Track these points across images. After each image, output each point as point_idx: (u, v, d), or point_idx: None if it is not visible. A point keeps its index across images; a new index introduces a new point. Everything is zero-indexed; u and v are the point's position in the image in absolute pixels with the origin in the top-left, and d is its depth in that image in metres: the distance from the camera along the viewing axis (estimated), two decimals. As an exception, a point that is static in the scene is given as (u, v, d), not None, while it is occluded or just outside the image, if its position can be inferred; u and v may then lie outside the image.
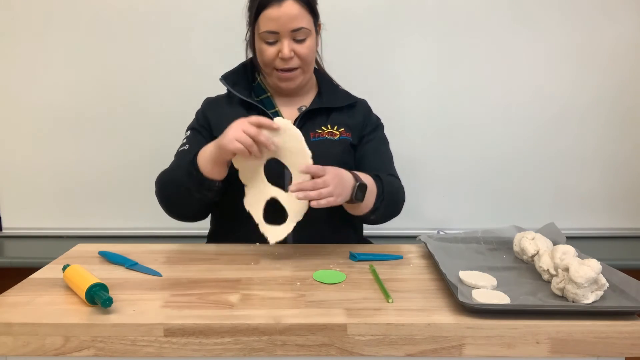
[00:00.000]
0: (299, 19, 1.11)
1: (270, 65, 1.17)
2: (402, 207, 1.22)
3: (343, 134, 1.23)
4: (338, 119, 1.24)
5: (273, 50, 1.14)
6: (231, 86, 1.23)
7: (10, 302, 0.81)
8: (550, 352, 0.75)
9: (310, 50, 1.16)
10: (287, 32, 1.12)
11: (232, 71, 1.27)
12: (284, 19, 1.10)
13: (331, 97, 1.26)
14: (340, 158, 1.20)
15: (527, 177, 1.85)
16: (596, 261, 0.81)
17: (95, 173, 1.82)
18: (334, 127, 1.23)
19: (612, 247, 1.84)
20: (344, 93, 1.30)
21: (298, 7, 1.11)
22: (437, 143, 1.84)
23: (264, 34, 1.13)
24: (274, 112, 1.23)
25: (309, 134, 1.20)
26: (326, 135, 1.21)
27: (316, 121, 1.23)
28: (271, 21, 1.11)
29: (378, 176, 1.13)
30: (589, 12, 1.76)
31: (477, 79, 1.79)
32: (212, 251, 1.08)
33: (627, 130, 1.84)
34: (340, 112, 1.25)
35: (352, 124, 1.25)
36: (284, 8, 1.10)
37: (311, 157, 1.02)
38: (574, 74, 1.80)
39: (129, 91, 1.77)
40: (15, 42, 1.73)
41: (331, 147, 1.20)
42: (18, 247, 1.79)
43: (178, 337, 0.74)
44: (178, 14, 1.73)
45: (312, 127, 1.21)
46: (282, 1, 1.10)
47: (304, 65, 1.17)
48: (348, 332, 0.74)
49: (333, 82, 1.32)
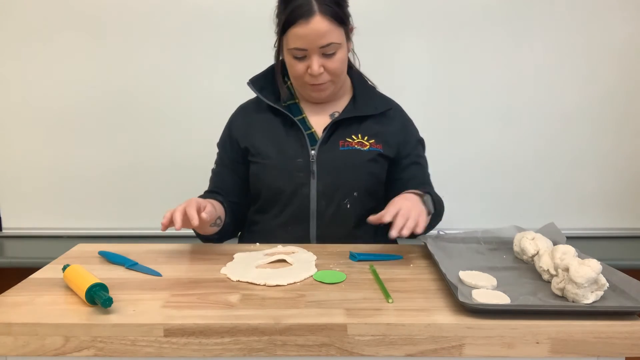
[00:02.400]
0: (328, 34, 1.08)
1: (300, 79, 1.15)
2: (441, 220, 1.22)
3: (373, 145, 1.20)
4: (370, 129, 1.21)
5: (302, 66, 1.12)
6: (258, 90, 1.22)
7: (10, 302, 0.81)
8: (551, 352, 0.75)
9: (340, 63, 1.14)
10: (315, 48, 1.09)
11: (260, 74, 1.25)
12: (312, 36, 1.07)
13: (365, 103, 1.23)
14: (368, 169, 1.19)
15: (527, 177, 1.85)
16: (596, 261, 0.81)
17: (95, 173, 1.82)
18: (365, 137, 1.20)
19: (612, 247, 1.85)
20: (380, 98, 1.27)
21: (327, 23, 1.07)
22: (437, 143, 1.83)
23: (292, 50, 1.10)
24: (301, 118, 1.22)
25: (338, 142, 1.19)
26: (355, 145, 1.19)
27: (347, 129, 1.20)
28: (299, 38, 1.08)
29: (429, 193, 1.11)
30: (589, 12, 1.76)
31: (477, 79, 1.79)
32: (212, 251, 1.08)
33: (627, 130, 1.84)
34: (373, 119, 1.22)
35: (384, 133, 1.22)
36: (312, 25, 1.06)
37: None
38: (574, 75, 1.80)
39: (130, 91, 1.77)
40: (15, 42, 1.73)
41: (359, 157, 1.19)
42: (18, 247, 1.79)
43: (178, 337, 0.74)
44: (179, 13, 1.73)
45: (341, 136, 1.20)
46: (309, 17, 1.06)
47: (334, 77, 1.15)
48: (348, 332, 0.74)
49: (368, 83, 1.29)
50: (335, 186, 1.18)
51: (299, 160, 1.18)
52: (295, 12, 1.06)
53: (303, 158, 1.18)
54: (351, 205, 1.19)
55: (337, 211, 1.18)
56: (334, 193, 1.18)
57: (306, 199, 1.18)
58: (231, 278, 0.91)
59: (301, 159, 1.18)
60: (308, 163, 1.18)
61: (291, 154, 1.18)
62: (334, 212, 1.18)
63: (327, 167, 1.18)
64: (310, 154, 1.18)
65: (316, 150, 1.18)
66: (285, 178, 1.18)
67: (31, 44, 1.73)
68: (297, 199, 1.18)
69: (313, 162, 1.17)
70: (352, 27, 1.17)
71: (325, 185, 1.18)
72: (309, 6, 1.06)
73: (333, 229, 1.18)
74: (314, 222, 1.19)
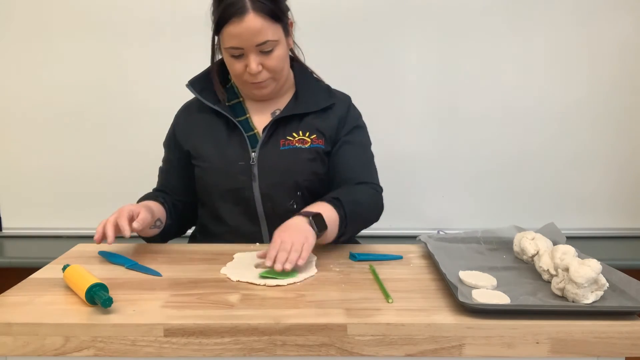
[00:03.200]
0: (263, 32, 1.05)
1: (240, 77, 1.13)
2: (377, 216, 1.19)
3: (315, 140, 1.17)
4: (311, 124, 1.19)
5: (241, 65, 1.10)
6: (199, 92, 1.19)
7: (10, 302, 0.81)
8: (550, 352, 0.75)
9: (279, 60, 1.11)
10: (252, 47, 1.07)
11: (200, 75, 1.23)
12: (247, 34, 1.05)
13: (307, 100, 1.20)
14: (309, 168, 1.17)
15: (527, 177, 1.85)
16: (596, 261, 0.81)
17: (95, 173, 1.82)
18: (306, 133, 1.18)
19: (612, 247, 1.85)
20: (324, 92, 1.23)
21: (260, 20, 1.04)
22: (437, 143, 1.84)
23: (228, 49, 1.09)
24: (244, 118, 1.20)
25: (279, 141, 1.16)
26: (296, 144, 1.16)
27: (287, 127, 1.18)
28: (234, 37, 1.06)
29: (338, 199, 1.06)
30: (590, 12, 1.76)
31: (477, 78, 1.80)
32: (212, 251, 1.08)
33: (627, 130, 1.84)
34: (315, 114, 1.19)
35: (325, 127, 1.19)
36: (246, 23, 1.04)
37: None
38: (575, 74, 1.80)
39: (129, 91, 1.77)
40: (15, 42, 1.74)
41: (300, 157, 1.16)
42: (18, 247, 1.79)
43: (178, 337, 0.74)
44: (178, 13, 1.73)
45: (282, 134, 1.17)
46: (242, 15, 1.03)
47: (274, 75, 1.13)
48: (348, 332, 0.74)
49: (313, 76, 1.26)
50: (277, 188, 1.16)
51: (241, 163, 1.16)
52: (228, 10, 1.04)
53: (244, 161, 1.16)
54: (298, 205, 1.15)
55: (285, 213, 1.09)
56: (277, 195, 1.16)
57: (252, 201, 1.16)
58: (231, 278, 0.91)
59: (242, 162, 1.16)
60: (249, 166, 1.15)
61: (232, 157, 1.16)
62: (282, 213, 1.10)
63: (268, 169, 1.15)
64: (251, 156, 1.16)
65: (257, 152, 1.16)
66: (227, 182, 1.16)
67: (31, 45, 1.74)
68: (243, 202, 1.17)
69: (254, 165, 1.15)
70: (291, 21, 1.15)
71: (267, 187, 1.16)
72: (242, 4, 1.03)
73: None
74: (264, 224, 1.18)
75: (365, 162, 1.23)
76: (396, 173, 1.76)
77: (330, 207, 1.05)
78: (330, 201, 1.06)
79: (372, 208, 1.17)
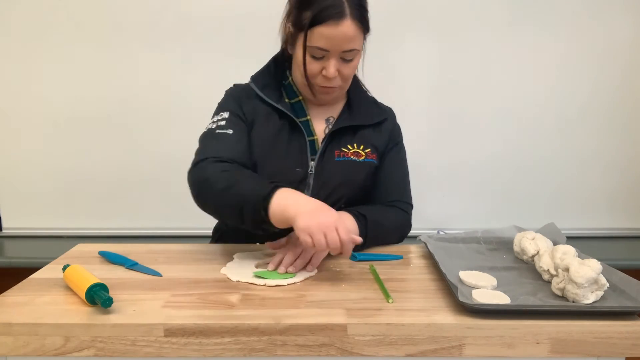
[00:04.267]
0: (354, 40, 1.03)
1: (311, 78, 1.09)
2: (401, 237, 1.18)
3: (369, 155, 1.16)
4: (365, 137, 1.17)
5: (318, 66, 1.06)
6: (260, 89, 1.15)
7: (10, 302, 0.81)
8: (551, 352, 0.75)
9: (354, 69, 1.10)
10: (337, 51, 1.04)
11: (262, 70, 1.19)
12: (339, 39, 1.02)
13: (360, 111, 1.18)
14: (362, 183, 1.16)
15: (527, 177, 1.86)
16: (596, 261, 0.81)
17: (95, 173, 1.82)
18: (360, 146, 1.16)
19: (612, 247, 1.85)
20: (373, 105, 1.23)
21: (355, 28, 1.02)
22: (438, 143, 1.84)
23: (312, 48, 1.04)
24: (305, 120, 1.15)
25: (334, 152, 1.14)
26: (351, 156, 1.15)
27: (342, 138, 1.16)
28: (324, 38, 1.02)
29: (365, 217, 1.06)
30: (595, 14, 1.76)
31: (477, 78, 1.80)
32: (212, 251, 1.08)
33: (627, 130, 1.84)
34: (369, 127, 1.18)
35: (379, 143, 1.19)
36: (342, 27, 1.01)
37: None
38: (575, 75, 1.80)
39: (129, 91, 1.77)
40: (15, 42, 1.74)
41: (354, 169, 1.15)
42: (18, 247, 1.79)
43: (178, 337, 0.74)
44: (179, 13, 1.73)
45: (337, 145, 1.15)
46: (340, 20, 1.00)
47: (345, 83, 1.12)
48: (348, 332, 0.74)
49: (362, 87, 1.24)
50: (326, 200, 1.10)
51: (298, 170, 1.13)
52: (326, 11, 1.01)
53: (302, 168, 1.13)
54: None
55: None
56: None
57: None
58: (231, 278, 0.91)
59: (300, 169, 1.13)
60: (306, 174, 1.13)
61: (291, 162, 1.13)
62: None
63: (324, 180, 1.13)
64: (309, 165, 1.13)
65: (315, 161, 1.13)
66: None
67: (32, 47, 1.74)
68: None
69: (311, 175, 1.13)
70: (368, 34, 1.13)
71: (319, 197, 1.09)
72: (341, 8, 1.01)
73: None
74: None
75: (401, 180, 1.23)
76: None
77: (354, 220, 1.05)
78: (356, 215, 1.06)
79: (395, 231, 1.16)
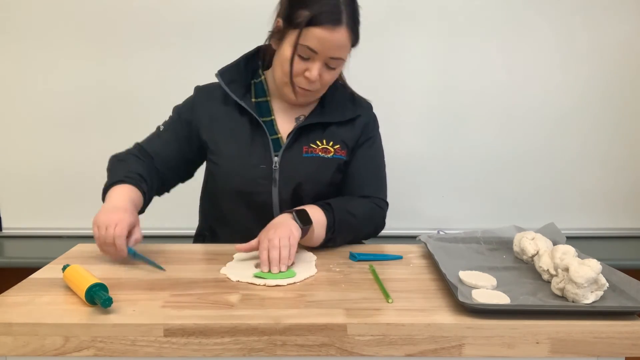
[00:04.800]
0: (343, 49, 1.05)
1: (293, 77, 1.09)
2: (373, 231, 1.18)
3: (338, 151, 1.16)
4: (335, 133, 1.17)
5: (301, 66, 1.06)
6: (227, 84, 1.15)
7: (10, 302, 0.81)
8: (550, 352, 0.75)
9: (334, 77, 1.11)
10: (325, 56, 1.05)
11: (230, 65, 1.18)
12: (331, 44, 1.03)
13: (332, 108, 1.18)
14: (330, 178, 1.16)
15: (527, 177, 1.85)
16: (596, 261, 0.81)
17: (95, 173, 1.80)
18: (329, 142, 1.16)
19: (612, 247, 1.85)
20: (349, 101, 1.21)
21: (347, 37, 1.04)
22: (438, 143, 1.84)
23: (302, 47, 1.04)
24: (269, 120, 1.16)
25: (302, 147, 1.14)
26: (319, 152, 1.15)
27: (311, 134, 1.16)
28: (316, 40, 1.02)
29: (329, 205, 1.08)
30: (590, 12, 1.76)
31: (477, 78, 1.80)
32: (212, 251, 1.08)
33: (627, 130, 1.84)
34: (340, 124, 1.18)
35: (349, 138, 1.18)
36: (336, 34, 1.02)
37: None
38: (575, 75, 1.80)
39: (129, 91, 1.77)
40: (14, 42, 1.73)
41: (322, 166, 1.15)
42: (18, 247, 1.79)
43: (178, 337, 0.74)
44: (178, 13, 1.73)
45: (306, 141, 1.15)
46: (336, 26, 1.01)
47: (323, 88, 1.13)
48: (348, 332, 0.74)
49: (339, 82, 1.23)
50: (296, 195, 1.15)
51: (262, 166, 1.13)
52: (324, 15, 1.01)
53: (266, 164, 1.13)
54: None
55: None
56: (295, 202, 1.14)
57: (268, 207, 1.14)
58: (231, 278, 0.91)
59: (264, 165, 1.13)
60: (270, 170, 1.13)
61: (254, 159, 1.13)
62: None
63: (289, 175, 1.14)
64: (273, 161, 1.13)
65: (279, 157, 1.13)
66: (246, 184, 1.13)
67: (31, 46, 1.73)
68: (258, 207, 1.14)
69: (276, 170, 1.13)
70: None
71: (287, 193, 1.14)
72: (339, 15, 1.02)
73: None
74: None
75: (374, 175, 1.22)
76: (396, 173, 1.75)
77: (320, 210, 1.06)
78: (322, 205, 1.08)
79: (367, 222, 1.15)
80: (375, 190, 1.20)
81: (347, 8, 1.03)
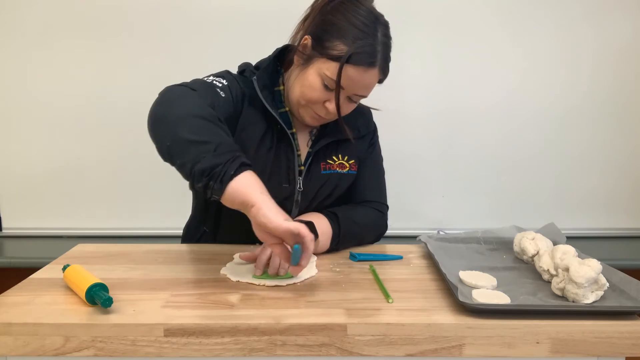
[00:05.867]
0: (371, 88, 1.04)
1: (312, 103, 1.04)
2: (376, 237, 1.17)
3: (352, 167, 1.16)
4: (349, 147, 1.16)
5: (323, 95, 1.01)
6: (260, 90, 1.06)
7: (10, 302, 0.81)
8: (551, 352, 0.75)
9: (351, 109, 1.08)
10: (351, 93, 1.02)
11: (264, 69, 1.09)
12: (360, 84, 1.00)
13: (347, 124, 1.11)
14: (344, 195, 1.16)
15: (527, 177, 1.85)
16: (596, 261, 0.81)
17: (95, 173, 1.82)
18: (344, 157, 1.15)
19: (612, 247, 1.85)
20: (360, 115, 1.18)
21: (376, 80, 1.02)
22: (438, 143, 1.84)
23: (330, 79, 0.99)
24: (290, 133, 1.10)
25: (320, 164, 1.13)
26: (337, 168, 1.14)
27: (327, 149, 1.14)
28: (347, 78, 0.98)
29: (336, 215, 1.07)
30: (592, 12, 1.76)
31: (477, 78, 1.80)
32: (212, 251, 1.08)
33: (628, 130, 1.84)
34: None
35: (361, 151, 1.18)
36: (368, 75, 0.99)
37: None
38: (575, 75, 1.80)
39: (129, 91, 1.77)
40: (14, 42, 1.73)
41: (339, 182, 1.14)
42: (18, 247, 1.79)
43: (178, 337, 0.74)
44: (178, 12, 1.73)
45: (323, 157, 1.13)
46: (370, 68, 0.98)
47: (337, 117, 1.06)
48: (348, 332, 0.74)
49: None
50: (310, 210, 1.13)
51: (285, 185, 1.10)
52: (364, 56, 0.97)
53: (289, 182, 1.10)
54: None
55: None
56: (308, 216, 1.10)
57: None
58: (231, 278, 0.91)
59: (287, 185, 1.10)
60: (294, 191, 1.11)
61: (279, 177, 1.09)
62: None
63: (311, 195, 1.13)
64: (297, 181, 1.10)
65: (302, 178, 1.11)
66: None
67: (31, 46, 1.73)
68: None
69: (299, 192, 1.11)
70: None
71: (304, 212, 1.12)
72: (375, 57, 0.99)
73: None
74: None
75: (375, 181, 1.22)
76: (396, 173, 1.75)
77: (326, 220, 1.06)
78: (328, 215, 1.07)
79: (370, 229, 1.16)
80: (377, 195, 1.20)
81: (383, 48, 1.00)
